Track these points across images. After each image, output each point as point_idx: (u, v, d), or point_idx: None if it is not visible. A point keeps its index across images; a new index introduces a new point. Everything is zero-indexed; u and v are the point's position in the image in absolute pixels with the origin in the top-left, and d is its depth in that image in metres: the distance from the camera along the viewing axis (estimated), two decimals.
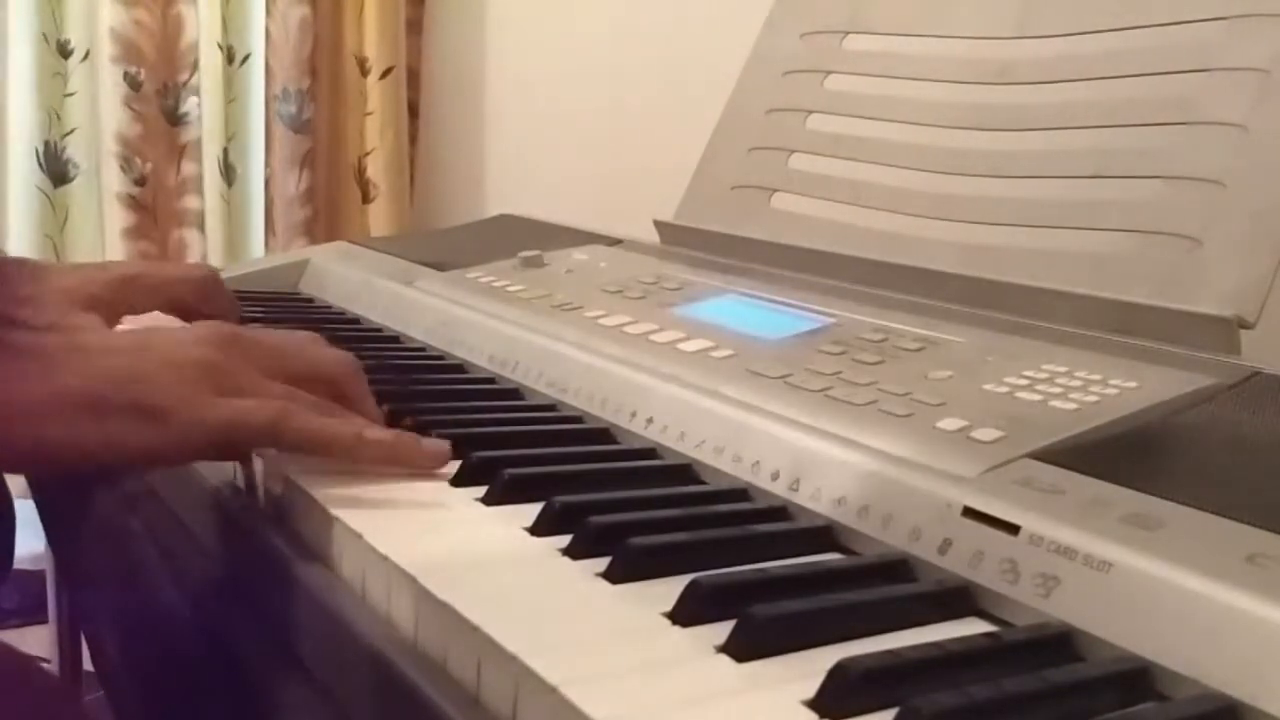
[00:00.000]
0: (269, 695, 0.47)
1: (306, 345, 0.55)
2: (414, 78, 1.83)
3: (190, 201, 1.71)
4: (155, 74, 1.67)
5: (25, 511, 0.82)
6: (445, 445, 0.52)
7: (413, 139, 1.83)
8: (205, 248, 1.70)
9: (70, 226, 1.69)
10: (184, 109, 1.70)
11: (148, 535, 0.61)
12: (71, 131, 1.67)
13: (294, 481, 0.49)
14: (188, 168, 1.70)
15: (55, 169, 1.67)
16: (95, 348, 0.47)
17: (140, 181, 1.66)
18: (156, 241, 1.69)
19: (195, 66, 1.68)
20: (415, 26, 1.82)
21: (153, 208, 1.69)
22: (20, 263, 0.73)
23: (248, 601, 0.51)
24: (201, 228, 1.70)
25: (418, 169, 1.84)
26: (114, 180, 1.65)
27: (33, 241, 1.66)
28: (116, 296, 0.69)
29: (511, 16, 1.69)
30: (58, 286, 0.67)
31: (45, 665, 1.03)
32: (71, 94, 1.67)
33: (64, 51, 1.66)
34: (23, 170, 1.65)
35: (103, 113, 1.64)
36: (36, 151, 1.65)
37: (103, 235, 1.67)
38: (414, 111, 1.83)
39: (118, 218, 1.66)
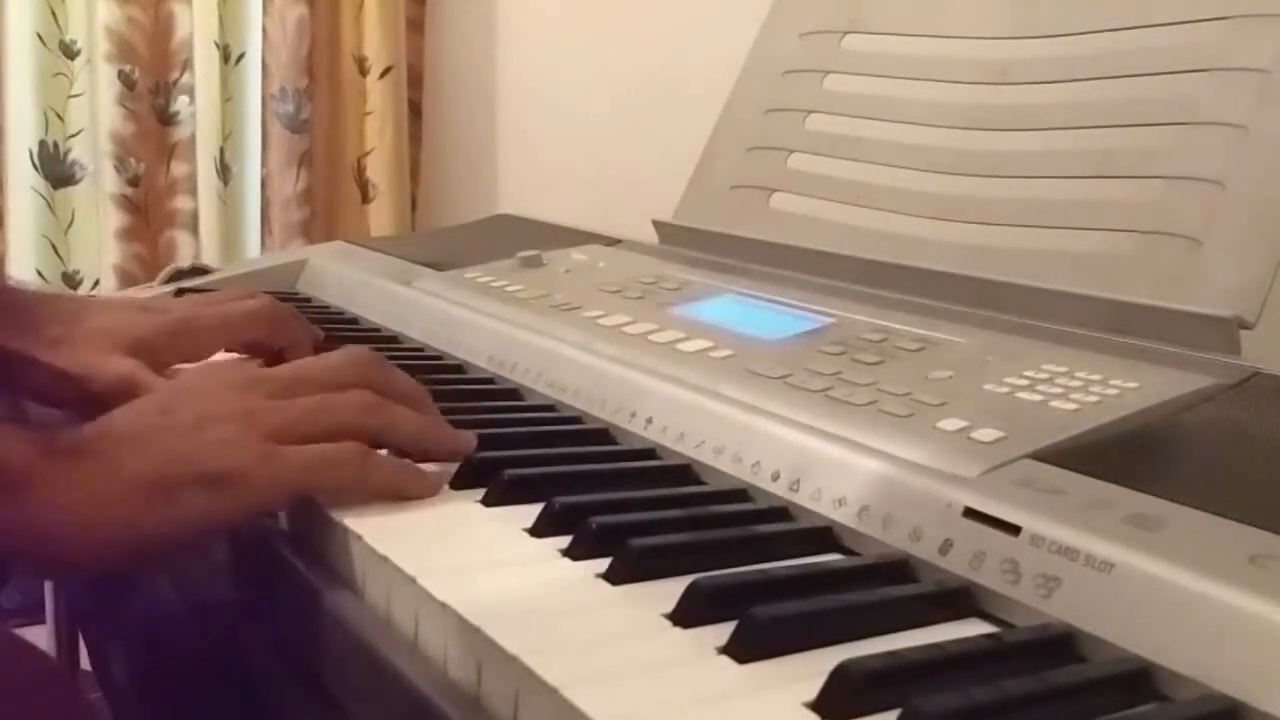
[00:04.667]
0: (266, 693, 0.47)
1: (341, 365, 0.53)
2: (417, 77, 1.82)
3: (181, 202, 1.69)
4: (148, 73, 1.66)
5: None
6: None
7: (416, 139, 1.82)
8: (198, 249, 1.69)
9: (74, 229, 1.68)
10: (175, 108, 1.69)
11: None
12: (78, 133, 1.66)
13: None
14: (178, 168, 1.69)
15: (59, 171, 1.66)
16: (132, 432, 0.46)
17: (134, 182, 1.65)
18: (148, 243, 1.68)
19: (187, 65, 1.67)
20: (417, 26, 1.81)
21: (145, 208, 1.68)
22: (55, 299, 0.69)
23: (246, 602, 0.51)
24: (193, 229, 1.69)
25: (421, 169, 1.84)
26: (108, 181, 1.64)
27: (32, 245, 1.65)
28: (169, 343, 0.65)
29: (513, 16, 1.69)
30: (95, 327, 0.64)
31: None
32: (77, 95, 1.66)
33: (69, 52, 1.65)
34: (24, 172, 1.64)
35: (99, 112, 1.63)
36: (31, 152, 1.64)
37: (99, 237, 1.67)
38: (417, 111, 1.83)
39: (112, 219, 1.65)
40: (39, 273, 1.65)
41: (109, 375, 0.61)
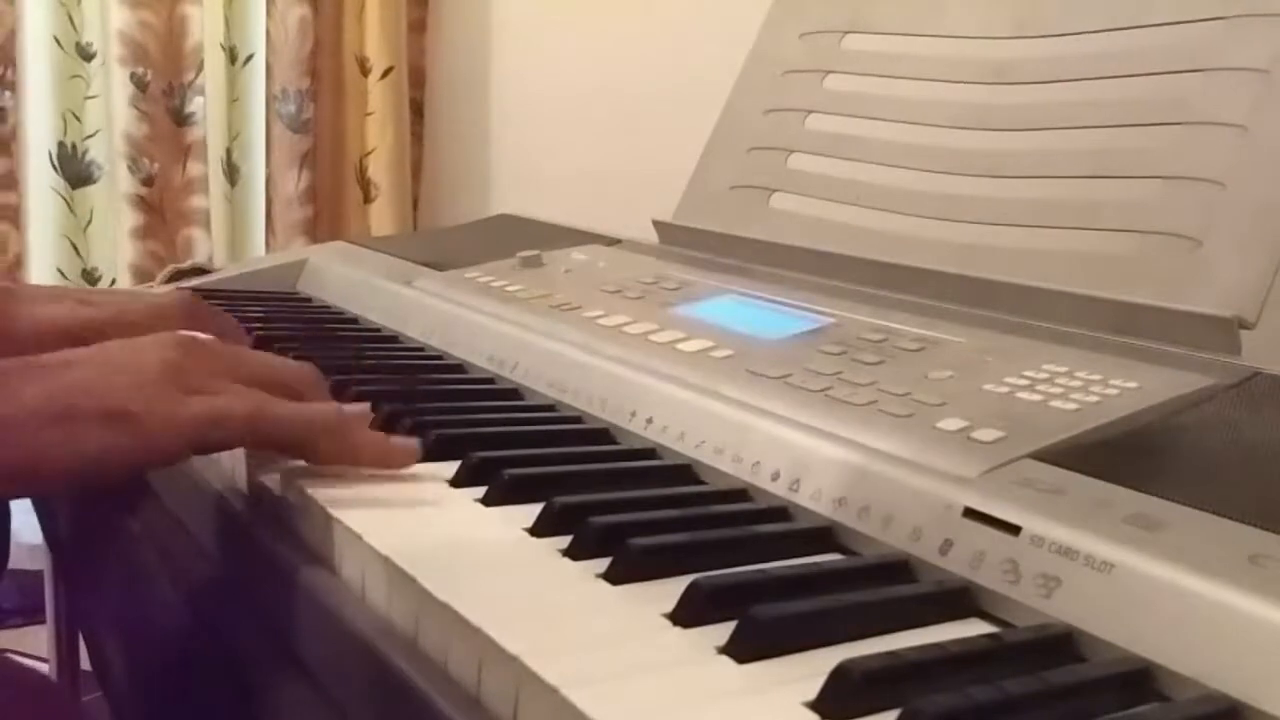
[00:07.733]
0: (267, 696, 0.47)
1: (266, 354, 0.54)
2: (420, 77, 1.82)
3: (197, 201, 1.71)
4: (161, 75, 1.67)
5: (24, 508, 0.81)
6: (414, 444, 0.52)
7: (419, 138, 1.83)
8: (212, 247, 1.70)
9: (93, 228, 1.70)
10: (190, 109, 1.70)
11: (146, 535, 0.61)
12: (95, 134, 1.68)
13: (293, 482, 0.49)
14: (194, 168, 1.71)
15: (77, 171, 1.68)
16: (53, 362, 0.47)
17: (148, 182, 1.67)
18: (164, 241, 1.70)
19: (201, 67, 1.68)
20: (420, 26, 1.82)
21: (160, 208, 1.69)
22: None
23: (246, 602, 0.51)
24: (208, 227, 1.70)
25: (424, 169, 1.84)
26: (123, 181, 1.65)
27: (53, 243, 1.67)
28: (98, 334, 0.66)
29: (515, 17, 1.69)
30: (31, 314, 0.64)
31: (44, 668, 1.02)
32: (94, 96, 1.67)
33: (85, 55, 1.66)
34: (44, 173, 1.66)
35: (113, 114, 1.64)
36: (50, 154, 1.65)
37: (114, 236, 1.68)
38: (419, 111, 1.83)
39: (127, 218, 1.66)
40: (60, 270, 1.67)
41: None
